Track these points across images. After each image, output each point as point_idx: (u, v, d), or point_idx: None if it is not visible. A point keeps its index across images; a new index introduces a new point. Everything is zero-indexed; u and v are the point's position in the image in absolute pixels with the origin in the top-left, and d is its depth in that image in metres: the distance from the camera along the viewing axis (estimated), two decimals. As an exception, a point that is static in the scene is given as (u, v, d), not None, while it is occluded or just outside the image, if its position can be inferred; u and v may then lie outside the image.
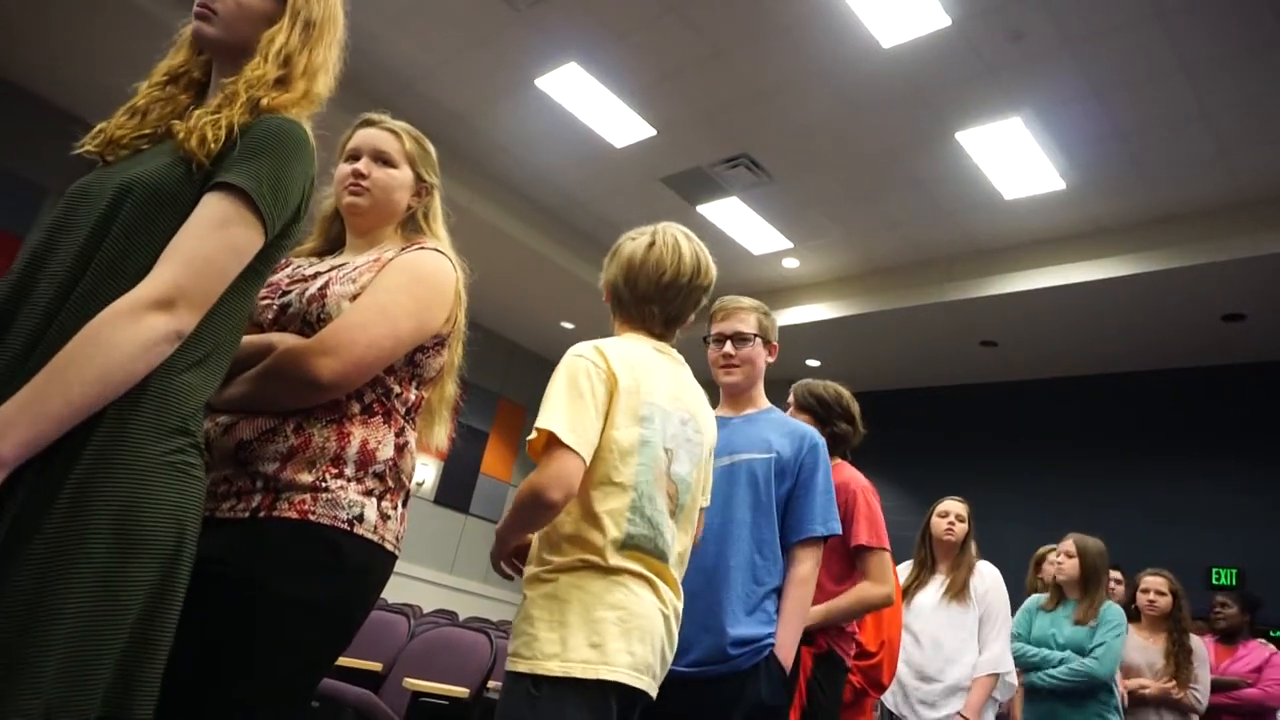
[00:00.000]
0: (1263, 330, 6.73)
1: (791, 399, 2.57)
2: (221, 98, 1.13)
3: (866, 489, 2.39)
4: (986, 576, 3.18)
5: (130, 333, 0.96)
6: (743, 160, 6.51)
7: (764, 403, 2.10)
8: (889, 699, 3.06)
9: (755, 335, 2.04)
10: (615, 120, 6.32)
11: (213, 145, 1.07)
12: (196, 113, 1.12)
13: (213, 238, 1.03)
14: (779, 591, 1.89)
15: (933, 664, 3.03)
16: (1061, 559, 3.40)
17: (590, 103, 6.17)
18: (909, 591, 3.17)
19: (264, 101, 1.13)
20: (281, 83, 1.18)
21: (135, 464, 0.97)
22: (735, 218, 7.32)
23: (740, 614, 1.79)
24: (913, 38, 5.02)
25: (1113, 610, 3.27)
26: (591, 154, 6.77)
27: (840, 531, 1.99)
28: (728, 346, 2.03)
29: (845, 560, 2.33)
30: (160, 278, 1.00)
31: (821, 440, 2.04)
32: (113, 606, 0.93)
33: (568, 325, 9.27)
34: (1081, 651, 3.20)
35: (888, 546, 2.33)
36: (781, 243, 7.57)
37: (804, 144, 6.23)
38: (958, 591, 3.10)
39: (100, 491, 0.94)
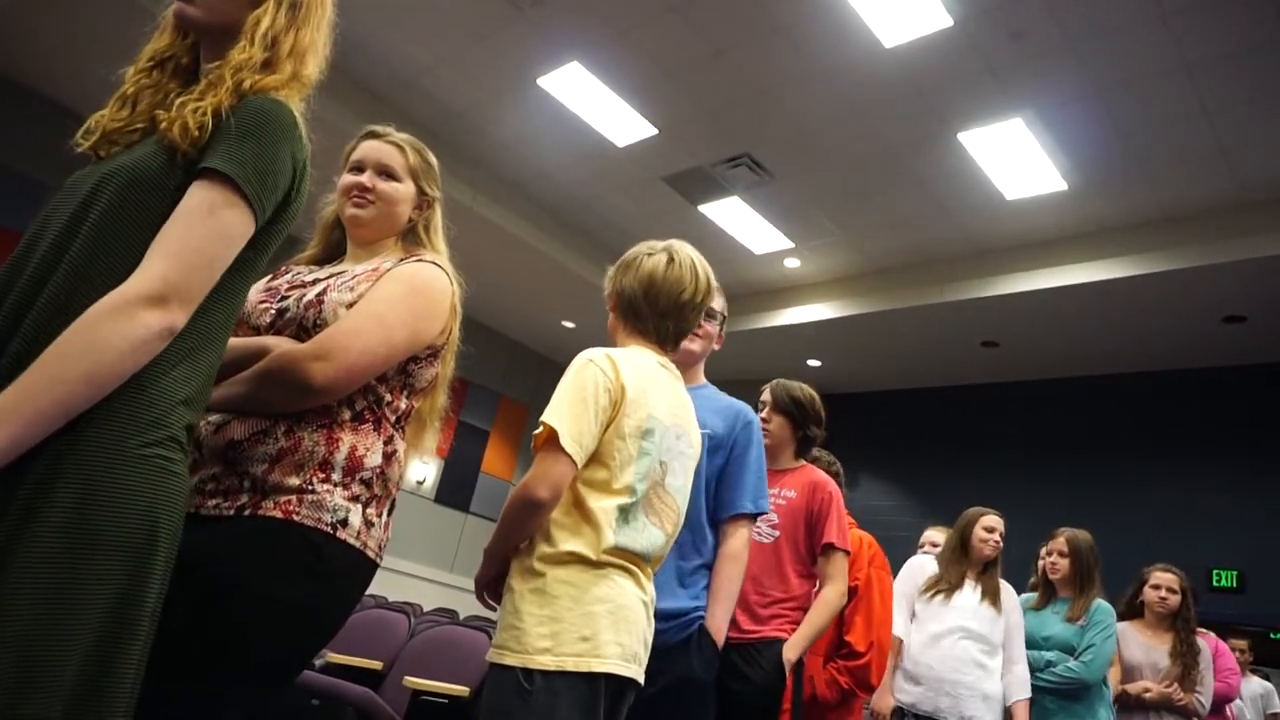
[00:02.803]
0: (1263, 332, 6.73)
1: (768, 398, 2.58)
2: (205, 83, 1.10)
3: (838, 493, 2.49)
4: (1009, 592, 3.21)
5: (122, 331, 0.93)
6: (744, 160, 6.50)
7: (700, 379, 2.15)
8: (909, 696, 3.04)
9: (722, 315, 2.14)
10: (617, 119, 6.31)
11: (195, 133, 1.05)
12: (179, 100, 1.09)
13: (201, 228, 1.01)
14: (708, 568, 1.90)
15: (960, 658, 3.02)
16: (1054, 558, 3.37)
17: (592, 102, 6.16)
18: (946, 590, 3.15)
19: (247, 84, 1.10)
20: (268, 65, 1.14)
21: (99, 458, 0.93)
22: (736, 217, 7.32)
23: (664, 589, 1.78)
24: (914, 38, 5.02)
25: (1103, 609, 3.24)
26: (593, 153, 6.77)
27: (767, 510, 2.03)
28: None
29: (810, 557, 2.41)
30: (151, 272, 0.97)
31: (755, 418, 2.08)
32: (68, 606, 0.89)
33: (568, 324, 9.26)
34: (1068, 650, 3.18)
35: (849, 549, 2.45)
36: (783, 242, 7.57)
37: (806, 144, 6.23)
38: (994, 597, 3.14)
39: (60, 486, 0.91)
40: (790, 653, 2.20)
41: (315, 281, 1.41)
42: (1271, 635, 6.36)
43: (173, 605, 1.09)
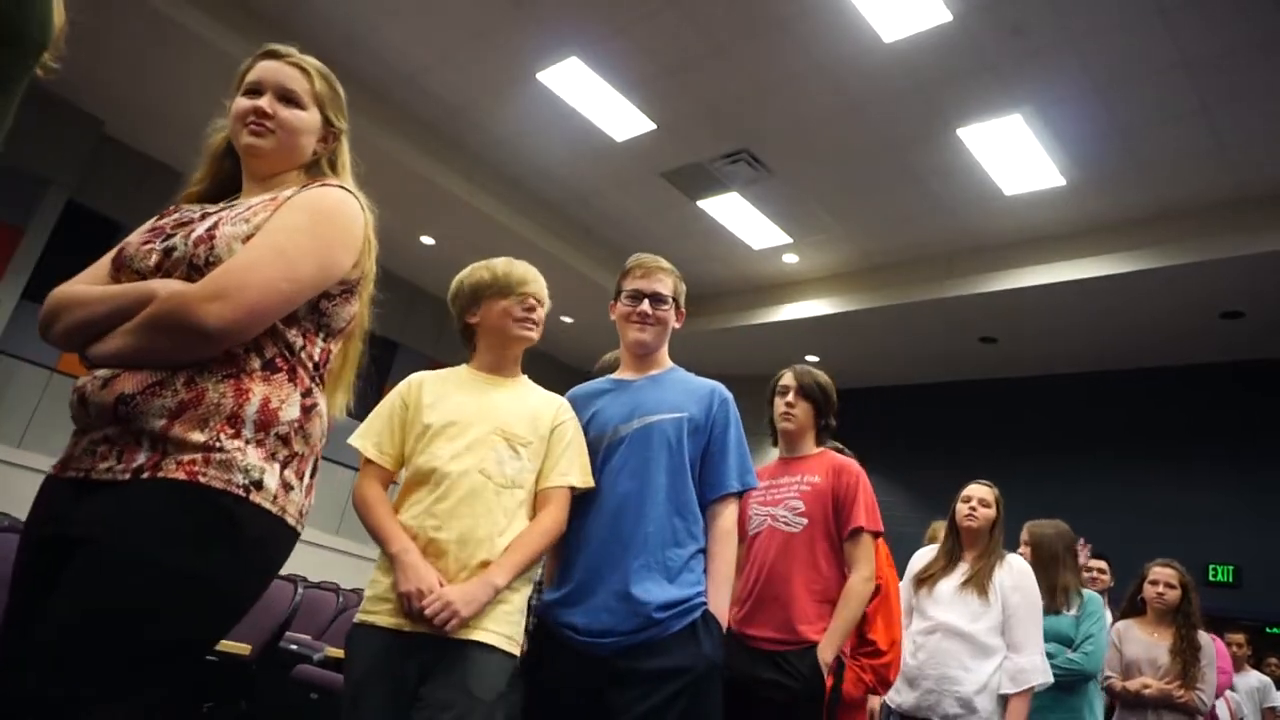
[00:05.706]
0: (1261, 328, 6.74)
1: (793, 382, 2.47)
2: None
3: (864, 474, 2.41)
4: (1015, 570, 2.85)
5: None
6: (743, 155, 6.50)
7: (668, 363, 2.09)
8: (896, 697, 2.84)
9: (672, 298, 2.04)
10: (616, 114, 6.31)
11: None
12: None
13: None
14: (704, 552, 1.89)
15: (942, 656, 2.77)
16: (1021, 548, 3.32)
17: (591, 97, 6.16)
18: (933, 578, 2.91)
19: None
20: None
21: None
22: (735, 213, 7.32)
23: (662, 580, 1.78)
24: (914, 33, 5.01)
25: (1093, 600, 3.23)
26: (592, 148, 6.76)
27: (755, 485, 2.01)
28: (645, 305, 2.01)
29: (840, 543, 2.32)
30: None
31: (729, 396, 2.03)
32: None
33: (566, 319, 9.26)
34: (1064, 640, 3.14)
35: (881, 529, 2.36)
36: (781, 238, 7.57)
37: (804, 139, 6.23)
38: (979, 583, 2.79)
39: None
40: (825, 653, 2.15)
41: (205, 216, 1.25)
42: (1267, 630, 6.38)
43: (68, 584, 1.02)
